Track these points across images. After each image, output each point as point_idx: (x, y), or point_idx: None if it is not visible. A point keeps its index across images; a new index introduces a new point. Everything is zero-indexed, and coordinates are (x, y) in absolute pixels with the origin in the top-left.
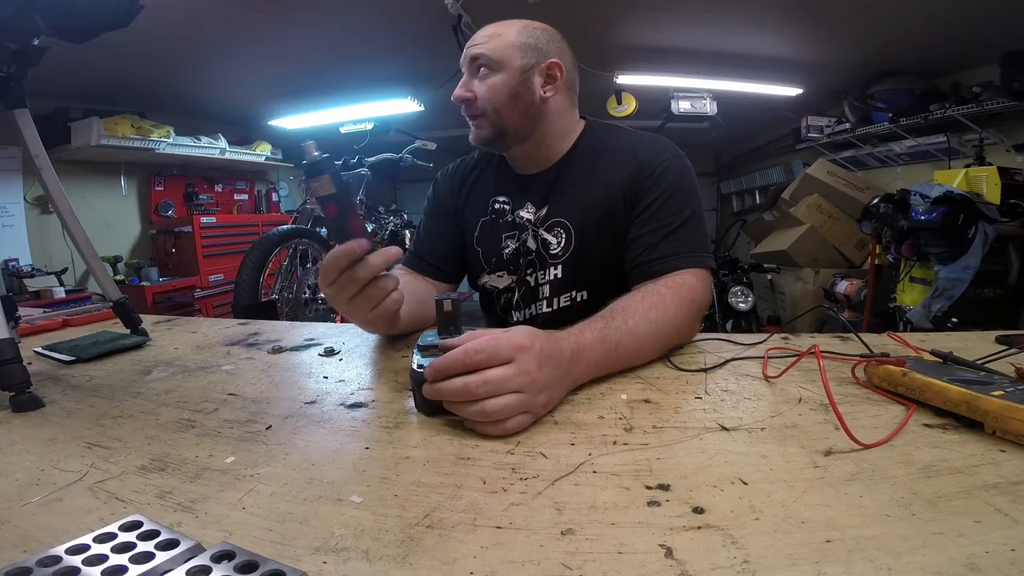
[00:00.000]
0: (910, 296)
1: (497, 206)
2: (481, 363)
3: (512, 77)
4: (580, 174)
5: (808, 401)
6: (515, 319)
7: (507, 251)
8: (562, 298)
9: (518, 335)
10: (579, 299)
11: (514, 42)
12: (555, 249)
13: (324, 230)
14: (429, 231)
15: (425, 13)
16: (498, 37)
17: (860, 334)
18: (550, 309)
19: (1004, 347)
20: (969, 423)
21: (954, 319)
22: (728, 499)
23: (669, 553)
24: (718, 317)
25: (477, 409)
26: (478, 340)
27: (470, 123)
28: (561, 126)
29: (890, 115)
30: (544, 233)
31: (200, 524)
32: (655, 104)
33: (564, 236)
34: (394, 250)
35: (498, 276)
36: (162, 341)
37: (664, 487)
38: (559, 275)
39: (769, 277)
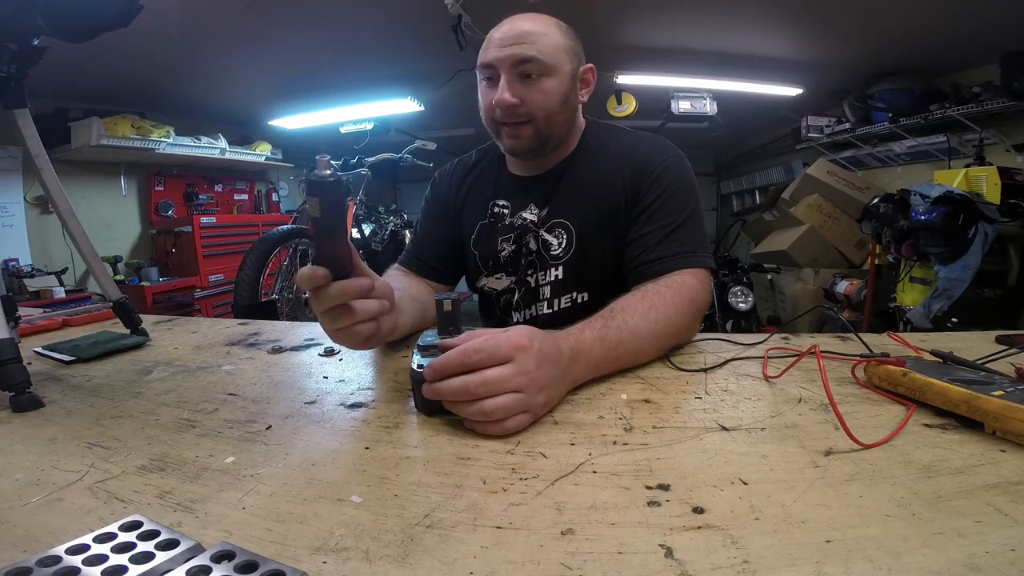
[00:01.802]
0: (910, 296)
1: (496, 210)
2: (480, 363)
3: (563, 83)
4: (581, 175)
5: (808, 401)
6: (515, 320)
7: (503, 254)
8: (563, 299)
9: (517, 335)
10: (580, 300)
11: (562, 44)
12: (556, 250)
13: None
14: (427, 232)
15: (425, 13)
16: (546, 37)
17: (860, 334)
18: (551, 310)
19: (1004, 347)
20: (969, 423)
21: (954, 319)
22: (728, 499)
23: (669, 553)
24: (718, 317)
25: (476, 409)
26: (477, 340)
27: (504, 130)
28: (578, 128)
29: (890, 115)
30: (545, 234)
31: (200, 524)
32: (655, 104)
33: (565, 237)
34: (357, 284)
35: (496, 278)
36: (162, 341)
37: (664, 487)
38: (560, 276)
39: (769, 277)
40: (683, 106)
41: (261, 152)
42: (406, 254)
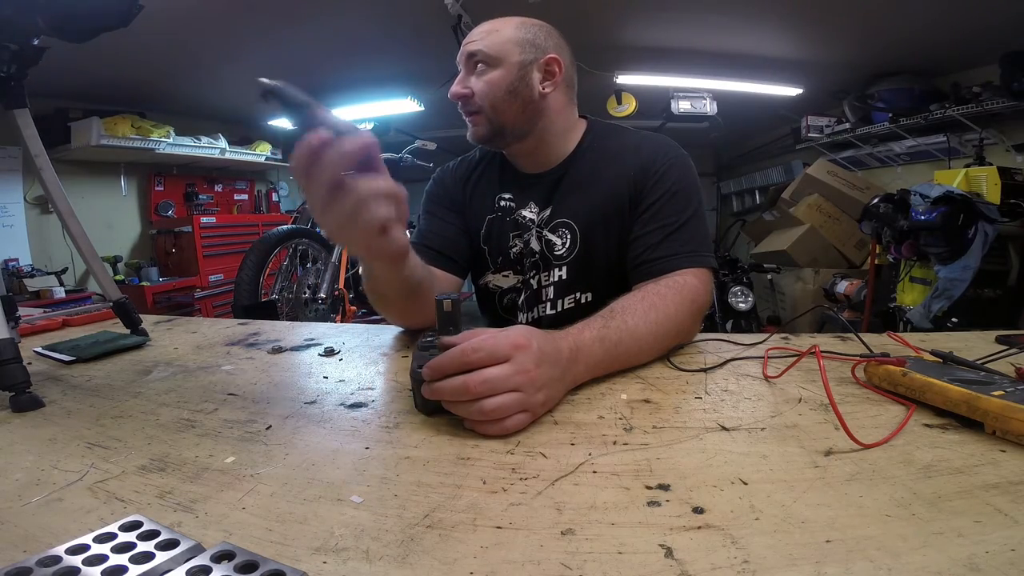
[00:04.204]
0: (910, 296)
1: (503, 203)
2: (478, 362)
3: (510, 73)
4: (585, 174)
5: (808, 401)
6: (520, 321)
7: (514, 250)
8: (566, 299)
9: (515, 334)
10: (583, 300)
11: (512, 38)
12: (560, 250)
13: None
14: (438, 219)
15: (425, 13)
16: (495, 33)
17: (860, 334)
18: (554, 311)
19: (1004, 347)
20: (969, 423)
21: (954, 319)
22: (728, 499)
23: (669, 553)
24: (718, 317)
25: (475, 408)
26: (475, 339)
27: (467, 120)
28: (561, 123)
29: (890, 115)
30: (548, 234)
31: (200, 524)
32: (655, 104)
33: (569, 237)
34: (360, 140)
35: (503, 276)
36: (162, 341)
37: (664, 487)
38: (563, 276)
39: (769, 277)
40: (683, 106)
41: (261, 152)
42: (412, 246)
